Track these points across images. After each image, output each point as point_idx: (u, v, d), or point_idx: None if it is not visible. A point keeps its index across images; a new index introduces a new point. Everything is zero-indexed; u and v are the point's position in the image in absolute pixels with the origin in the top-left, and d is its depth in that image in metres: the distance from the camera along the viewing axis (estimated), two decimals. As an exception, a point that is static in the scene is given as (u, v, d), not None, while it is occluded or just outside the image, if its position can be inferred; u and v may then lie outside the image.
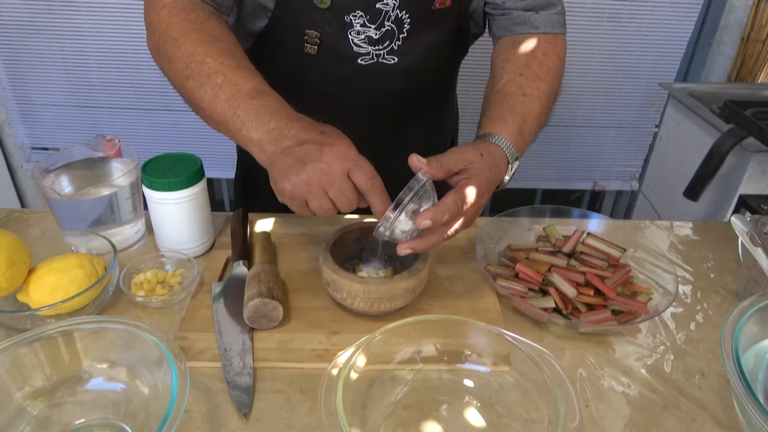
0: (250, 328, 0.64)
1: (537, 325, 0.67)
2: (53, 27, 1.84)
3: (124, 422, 0.52)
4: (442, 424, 0.54)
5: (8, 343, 0.50)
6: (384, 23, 0.76)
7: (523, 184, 2.20)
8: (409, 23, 0.77)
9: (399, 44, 0.79)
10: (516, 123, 0.71)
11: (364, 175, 0.57)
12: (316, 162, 0.56)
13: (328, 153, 0.57)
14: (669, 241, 0.86)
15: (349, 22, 0.76)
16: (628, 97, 2.03)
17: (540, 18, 0.80)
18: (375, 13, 0.75)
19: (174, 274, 0.72)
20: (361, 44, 0.78)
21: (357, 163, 0.57)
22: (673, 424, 0.56)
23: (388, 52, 0.80)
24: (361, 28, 0.76)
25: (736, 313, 0.53)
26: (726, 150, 1.27)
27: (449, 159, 0.62)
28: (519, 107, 0.72)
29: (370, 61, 0.80)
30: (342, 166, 0.57)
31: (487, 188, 0.64)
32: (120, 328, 0.54)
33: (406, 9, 0.76)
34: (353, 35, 0.77)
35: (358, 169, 0.57)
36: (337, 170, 0.56)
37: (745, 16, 1.89)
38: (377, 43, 0.78)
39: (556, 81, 0.79)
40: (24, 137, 2.08)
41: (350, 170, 0.57)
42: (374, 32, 0.77)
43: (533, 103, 0.74)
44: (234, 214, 0.81)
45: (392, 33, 0.77)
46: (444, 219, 0.57)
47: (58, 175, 0.77)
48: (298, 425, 0.54)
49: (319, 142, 0.57)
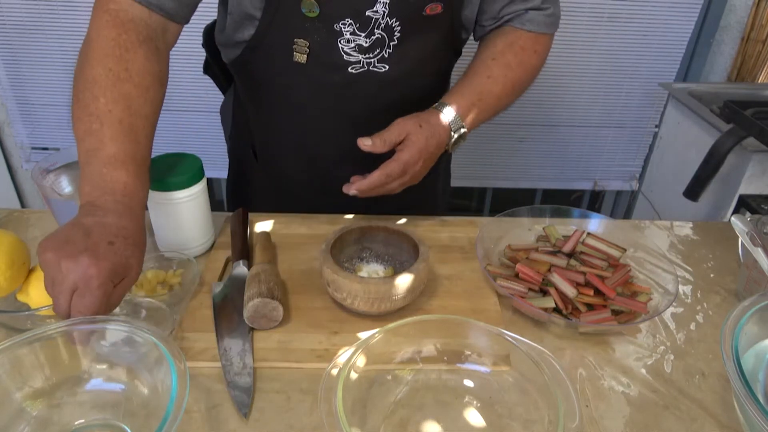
0: (250, 328, 0.64)
1: (537, 325, 0.67)
2: (53, 27, 1.84)
3: (124, 422, 0.52)
4: (442, 424, 0.54)
5: (8, 343, 0.50)
6: (374, 31, 0.75)
7: (523, 184, 2.20)
8: (400, 31, 0.76)
9: (390, 52, 0.78)
10: (470, 98, 0.78)
11: (83, 305, 0.52)
12: (70, 257, 0.52)
13: (82, 260, 0.51)
14: (669, 241, 0.86)
15: (339, 30, 0.75)
16: (628, 97, 2.03)
17: (528, 16, 0.82)
18: (365, 21, 0.74)
19: (174, 274, 0.72)
20: (352, 52, 0.77)
21: (84, 289, 0.52)
22: (673, 424, 0.56)
23: (379, 60, 0.79)
24: (351, 36, 0.75)
25: (736, 313, 0.53)
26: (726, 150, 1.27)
27: (390, 134, 0.73)
28: (479, 86, 0.80)
29: (360, 69, 0.79)
30: (73, 279, 0.51)
31: (421, 155, 0.74)
32: (120, 328, 0.54)
33: (395, 16, 0.75)
34: (343, 43, 0.76)
35: (81, 296, 0.52)
36: (69, 279, 0.51)
37: (745, 16, 1.89)
38: (367, 51, 0.77)
39: (527, 73, 0.83)
40: (24, 137, 2.08)
41: (77, 290, 0.52)
42: (364, 40, 0.76)
43: (495, 84, 0.80)
44: (234, 214, 0.81)
45: (383, 41, 0.77)
46: (370, 191, 0.73)
47: (58, 175, 0.77)
48: (298, 425, 0.54)
49: (80, 249, 0.52)
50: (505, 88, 0.80)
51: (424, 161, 0.75)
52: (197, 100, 1.96)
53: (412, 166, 0.74)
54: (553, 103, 2.02)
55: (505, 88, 0.80)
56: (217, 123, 1.12)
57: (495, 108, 0.81)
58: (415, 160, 0.73)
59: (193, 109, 2.00)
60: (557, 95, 2.00)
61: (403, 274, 0.63)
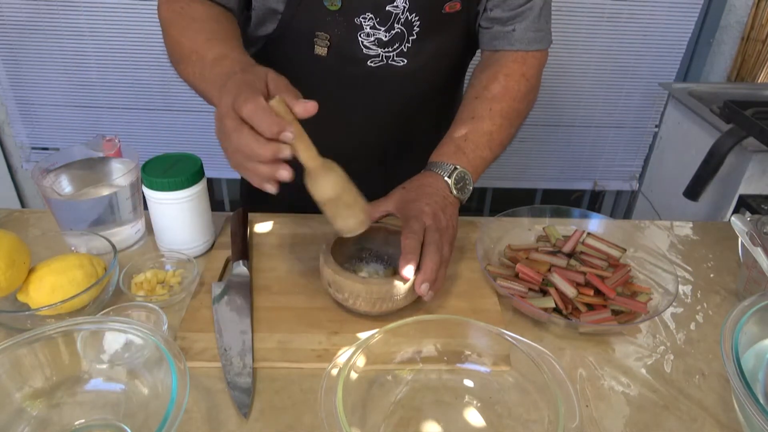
0: (250, 328, 0.64)
1: (537, 325, 0.67)
2: (53, 27, 1.84)
3: (123, 423, 0.52)
4: (442, 424, 0.54)
5: (8, 343, 0.50)
6: (394, 25, 0.77)
7: (523, 184, 2.20)
8: (419, 26, 0.78)
9: (408, 46, 0.80)
10: (454, 144, 0.76)
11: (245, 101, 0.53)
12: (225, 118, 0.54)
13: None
14: (669, 241, 0.86)
15: (359, 24, 0.76)
16: (628, 97, 2.03)
17: (516, 35, 0.81)
18: (385, 15, 0.76)
19: (174, 274, 0.72)
20: (371, 46, 0.78)
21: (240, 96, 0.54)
22: (673, 424, 0.56)
23: (398, 54, 0.80)
24: (371, 30, 0.77)
25: (736, 313, 0.53)
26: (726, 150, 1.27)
27: (408, 226, 0.65)
28: (463, 129, 0.78)
29: (379, 63, 0.80)
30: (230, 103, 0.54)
31: (423, 201, 0.68)
32: (120, 328, 0.54)
33: (416, 12, 0.76)
34: (363, 37, 0.77)
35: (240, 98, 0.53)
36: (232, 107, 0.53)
37: (745, 16, 1.89)
38: (387, 45, 0.79)
39: (516, 99, 0.81)
40: (24, 137, 2.08)
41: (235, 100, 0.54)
42: (384, 34, 0.77)
43: (481, 122, 0.78)
44: (234, 214, 0.81)
45: (402, 35, 0.78)
46: (433, 270, 0.62)
47: (58, 175, 0.77)
48: (298, 425, 0.54)
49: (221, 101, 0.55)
50: (493, 121, 0.78)
51: (431, 207, 0.68)
52: (197, 100, 1.95)
53: (426, 217, 0.67)
54: (553, 103, 2.02)
55: (493, 121, 0.78)
56: (217, 123, 1.12)
57: (489, 143, 0.78)
58: (421, 211, 0.67)
59: (193, 109, 2.00)
60: (557, 95, 2.00)
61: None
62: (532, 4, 0.79)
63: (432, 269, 0.61)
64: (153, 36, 1.83)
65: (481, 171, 0.78)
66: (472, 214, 0.83)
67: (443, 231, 0.66)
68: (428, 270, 0.61)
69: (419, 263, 0.62)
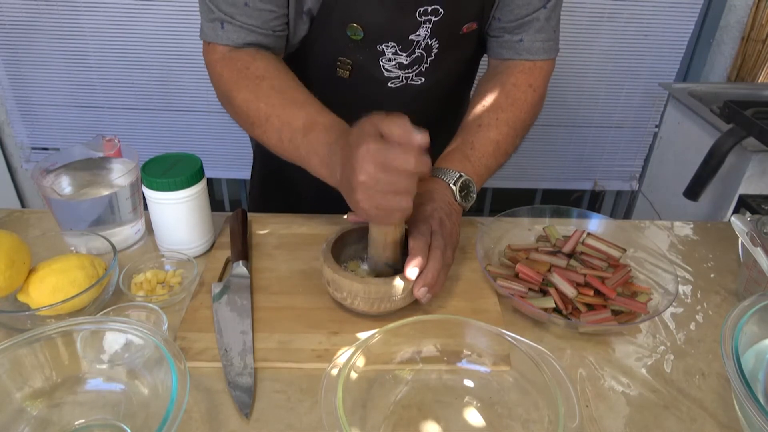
0: (251, 328, 0.64)
1: (537, 325, 0.67)
2: (53, 27, 1.85)
3: (123, 423, 0.52)
4: (442, 424, 0.54)
5: (8, 343, 0.50)
6: (414, 51, 0.79)
7: (523, 184, 2.20)
8: (438, 48, 0.80)
9: (426, 66, 0.82)
10: (460, 151, 0.77)
11: (393, 126, 0.56)
12: (355, 161, 0.55)
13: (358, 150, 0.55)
14: (669, 241, 0.86)
15: (381, 50, 0.78)
16: (628, 97, 2.03)
17: (524, 45, 0.82)
18: (407, 43, 0.78)
19: (174, 274, 0.72)
20: (392, 69, 0.81)
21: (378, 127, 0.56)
22: (673, 424, 0.56)
23: (416, 74, 0.83)
24: (393, 55, 0.79)
25: (736, 313, 0.53)
26: (726, 150, 1.27)
27: (417, 240, 0.65)
28: (469, 137, 0.78)
29: (399, 84, 0.83)
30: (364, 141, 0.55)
31: (427, 205, 0.69)
32: (120, 328, 0.54)
33: (436, 37, 0.78)
34: (384, 62, 0.80)
35: (386, 124, 0.56)
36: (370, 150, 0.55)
37: (745, 16, 1.89)
38: (407, 68, 0.81)
39: (522, 110, 0.82)
40: (24, 137, 2.08)
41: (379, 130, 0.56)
42: (405, 58, 0.80)
43: (488, 130, 0.79)
44: (234, 214, 0.81)
45: (421, 58, 0.80)
46: (435, 276, 0.62)
47: (58, 175, 0.77)
48: (298, 425, 0.54)
49: (350, 155, 0.57)
50: (499, 129, 0.79)
51: (437, 212, 0.69)
52: (197, 100, 1.96)
53: (434, 222, 0.67)
54: (553, 103, 2.02)
55: (499, 129, 0.79)
56: (217, 123, 1.13)
57: (495, 152, 0.78)
58: (429, 215, 0.68)
59: (193, 109, 2.00)
60: (557, 95, 2.01)
61: (404, 274, 0.63)
62: (537, 15, 0.80)
63: (433, 274, 0.62)
64: (153, 36, 1.82)
65: (485, 179, 0.79)
66: (472, 214, 0.83)
67: (447, 237, 0.67)
68: (429, 274, 0.62)
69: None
